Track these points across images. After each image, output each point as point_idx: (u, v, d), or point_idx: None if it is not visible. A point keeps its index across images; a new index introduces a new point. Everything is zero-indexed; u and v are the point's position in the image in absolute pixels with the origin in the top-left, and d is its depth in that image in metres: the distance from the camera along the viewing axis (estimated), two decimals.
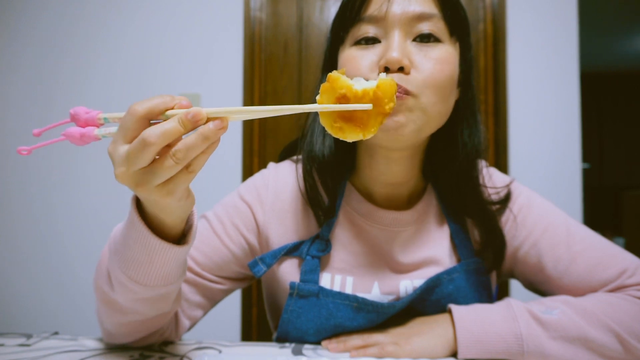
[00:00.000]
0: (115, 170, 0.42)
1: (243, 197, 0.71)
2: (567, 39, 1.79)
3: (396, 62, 0.56)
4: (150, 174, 0.41)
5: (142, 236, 0.48)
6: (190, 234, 0.52)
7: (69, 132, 0.46)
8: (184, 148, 0.40)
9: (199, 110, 0.41)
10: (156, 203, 0.45)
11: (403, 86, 0.57)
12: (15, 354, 0.60)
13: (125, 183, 0.43)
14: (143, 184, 0.42)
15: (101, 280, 0.57)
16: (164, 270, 0.51)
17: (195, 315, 0.69)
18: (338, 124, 0.41)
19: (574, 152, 1.77)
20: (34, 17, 1.90)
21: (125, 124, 0.41)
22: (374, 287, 0.67)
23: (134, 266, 0.50)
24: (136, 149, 0.40)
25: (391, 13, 0.59)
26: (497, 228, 0.70)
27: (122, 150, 0.41)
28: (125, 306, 0.55)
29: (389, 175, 0.68)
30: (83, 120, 0.46)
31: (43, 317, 1.85)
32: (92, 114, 0.46)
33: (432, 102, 0.59)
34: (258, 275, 0.68)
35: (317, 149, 0.69)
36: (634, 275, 0.65)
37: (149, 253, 0.49)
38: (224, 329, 1.76)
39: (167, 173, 0.41)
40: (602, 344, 0.58)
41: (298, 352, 0.63)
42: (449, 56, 0.60)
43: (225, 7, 1.85)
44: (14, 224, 1.88)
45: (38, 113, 1.88)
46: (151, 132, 0.40)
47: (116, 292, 0.54)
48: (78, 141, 0.46)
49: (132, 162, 0.41)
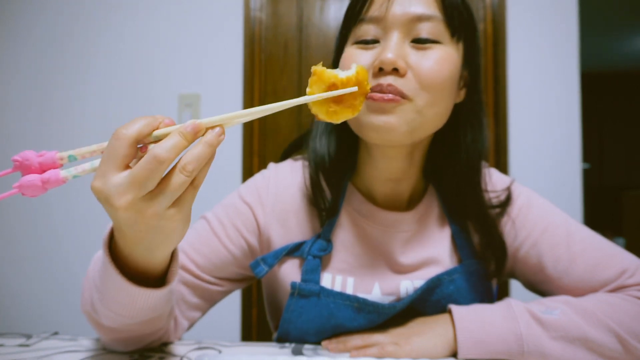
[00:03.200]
0: (118, 201, 0.38)
1: (244, 198, 0.71)
2: (567, 39, 1.79)
3: (390, 63, 0.57)
4: (160, 195, 0.39)
5: (122, 286, 0.46)
6: (171, 270, 0.50)
7: (25, 181, 0.40)
8: (194, 159, 0.39)
9: (198, 122, 0.40)
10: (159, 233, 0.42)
11: (398, 88, 0.57)
12: (15, 354, 0.60)
13: (132, 212, 0.39)
14: (153, 208, 0.39)
15: (87, 307, 0.56)
16: (149, 305, 0.49)
17: (193, 316, 0.69)
18: (332, 108, 0.46)
19: (574, 152, 1.77)
20: (32, 17, 1.90)
21: (115, 150, 0.39)
22: (375, 287, 0.67)
23: (116, 305, 0.49)
24: (146, 170, 0.38)
25: (391, 14, 0.59)
26: (498, 237, 0.70)
27: (120, 178, 0.39)
28: (116, 328, 0.54)
29: (388, 172, 0.68)
30: (37, 165, 0.40)
31: (43, 318, 1.85)
32: (48, 156, 0.41)
33: (428, 104, 0.59)
34: (260, 276, 0.68)
35: (320, 149, 0.70)
36: (634, 275, 0.65)
37: (130, 297, 0.47)
38: (224, 329, 1.76)
39: (178, 190, 0.40)
40: (602, 344, 0.58)
41: (298, 352, 0.63)
42: (447, 57, 0.60)
43: (225, 7, 1.85)
44: (13, 224, 1.88)
45: (37, 114, 1.88)
46: (161, 148, 0.38)
47: (104, 319, 0.53)
48: (38, 190, 0.40)
49: (141, 185, 0.38)
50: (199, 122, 0.40)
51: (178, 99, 1.82)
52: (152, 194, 0.39)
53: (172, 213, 0.41)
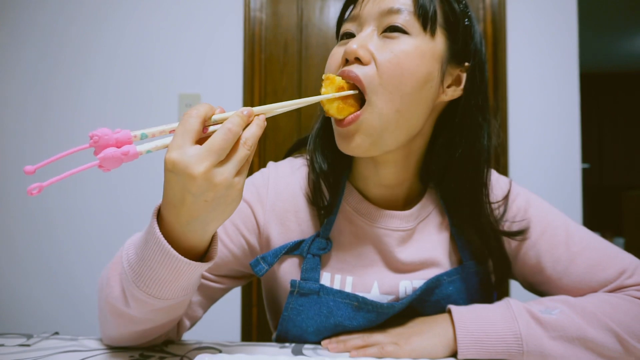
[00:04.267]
0: (197, 168, 0.44)
1: (243, 197, 0.71)
2: (567, 39, 1.79)
3: (351, 53, 0.59)
4: (229, 164, 0.46)
5: (169, 258, 0.48)
6: (212, 248, 0.53)
7: (108, 153, 0.43)
8: (251, 136, 0.48)
9: (251, 109, 0.49)
10: (221, 203, 0.47)
11: (354, 73, 0.59)
12: (15, 354, 0.60)
13: (207, 179, 0.44)
14: (224, 175, 0.45)
15: (112, 298, 0.56)
16: (188, 284, 0.52)
17: (195, 314, 0.69)
18: (340, 105, 0.60)
19: (573, 152, 1.77)
20: (32, 17, 1.90)
21: (189, 126, 0.45)
22: (374, 286, 0.67)
23: (156, 284, 0.50)
24: (221, 140, 0.45)
25: (365, 10, 0.63)
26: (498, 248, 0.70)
27: (196, 149, 0.44)
28: (139, 317, 0.55)
29: (380, 177, 0.68)
30: (114, 141, 0.44)
31: (43, 318, 1.85)
32: (123, 133, 0.45)
33: (385, 101, 0.58)
34: (260, 275, 0.68)
35: (319, 148, 0.70)
36: (633, 275, 0.65)
37: (176, 272, 0.49)
38: (224, 329, 1.76)
39: (242, 160, 0.47)
40: (601, 344, 0.58)
41: (298, 352, 0.63)
42: (412, 50, 0.59)
43: (225, 8, 1.85)
44: (13, 225, 1.88)
45: (35, 113, 1.88)
46: (231, 123, 0.46)
47: (131, 308, 0.54)
48: (117, 162, 0.44)
49: (217, 153, 0.45)
50: (251, 108, 0.49)
51: (178, 99, 1.83)
52: (222, 162, 0.46)
53: (237, 181, 0.47)
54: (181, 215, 0.47)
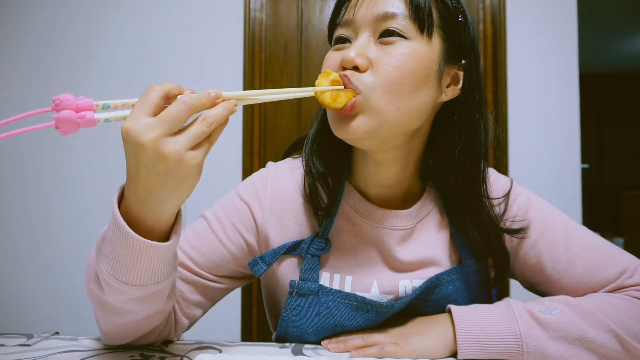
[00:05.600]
0: (146, 136, 0.44)
1: (241, 197, 0.71)
2: (567, 39, 1.79)
3: (349, 61, 0.59)
4: (181, 136, 0.46)
5: (126, 237, 0.48)
6: (175, 229, 0.52)
7: (64, 116, 0.45)
8: (212, 115, 0.48)
9: (220, 92, 0.49)
10: (174, 178, 0.46)
11: (352, 82, 0.58)
12: (15, 354, 0.60)
13: (155, 149, 0.44)
14: (175, 146, 0.45)
15: (91, 284, 0.56)
16: (151, 269, 0.51)
17: (194, 314, 0.69)
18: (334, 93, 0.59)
19: (573, 152, 1.77)
20: (31, 17, 1.90)
21: (147, 98, 0.46)
22: (373, 286, 0.67)
23: (120, 268, 0.50)
24: (174, 111, 0.45)
25: (358, 15, 0.61)
26: (499, 244, 0.70)
27: (150, 119, 0.45)
28: (118, 307, 0.55)
29: (380, 178, 0.68)
30: (75, 107, 0.46)
31: (43, 318, 1.85)
32: (86, 100, 0.47)
33: (384, 100, 0.58)
34: (258, 275, 0.68)
35: (317, 150, 0.70)
36: (634, 275, 0.65)
37: (135, 253, 0.49)
38: (224, 329, 1.77)
39: (197, 135, 0.46)
40: (601, 344, 0.58)
41: (298, 352, 0.63)
42: (411, 53, 0.59)
43: (225, 8, 1.85)
44: (13, 225, 1.88)
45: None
46: (188, 97, 0.46)
47: (107, 295, 0.53)
48: (73, 126, 0.45)
49: (168, 123, 0.45)
50: (220, 91, 0.49)
51: None
52: (175, 134, 0.46)
53: (190, 156, 0.46)
54: (138, 190, 0.47)
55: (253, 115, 1.82)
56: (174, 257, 0.55)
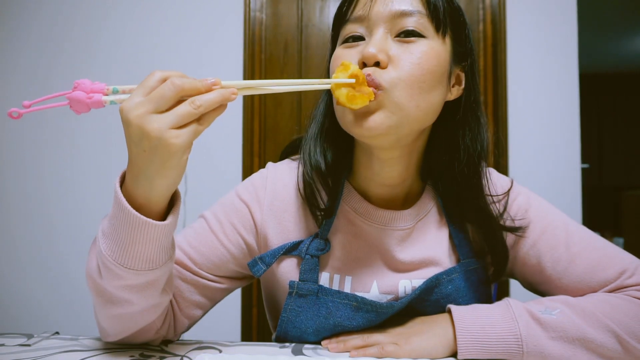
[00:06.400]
0: (132, 113, 0.46)
1: (241, 197, 0.71)
2: (567, 39, 1.79)
3: (371, 57, 0.58)
4: (166, 114, 0.47)
5: (123, 212, 0.50)
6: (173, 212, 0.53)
7: (75, 95, 0.49)
8: (203, 99, 0.48)
9: (219, 79, 0.50)
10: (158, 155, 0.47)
11: (375, 80, 0.58)
12: (15, 354, 0.60)
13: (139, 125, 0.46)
14: (157, 123, 0.46)
15: (91, 268, 0.57)
16: (147, 253, 0.52)
17: (194, 314, 0.69)
18: (351, 94, 0.57)
19: (573, 152, 1.78)
20: (31, 17, 1.91)
21: (146, 82, 0.48)
22: (373, 286, 0.68)
23: (118, 249, 0.51)
24: (162, 89, 0.46)
25: (374, 12, 0.61)
26: (499, 241, 0.70)
27: (140, 99, 0.47)
28: (114, 295, 0.55)
29: (384, 177, 0.68)
30: (89, 90, 0.49)
31: (43, 318, 1.85)
32: (99, 85, 0.50)
33: (406, 96, 0.58)
34: (257, 275, 0.68)
35: (316, 150, 0.70)
36: (634, 275, 0.65)
37: (131, 230, 0.50)
38: (224, 329, 1.77)
39: (182, 116, 0.47)
40: (601, 344, 0.58)
41: (298, 352, 0.63)
42: (431, 51, 0.60)
43: (225, 8, 1.85)
44: (13, 225, 1.88)
45: (36, 112, 1.87)
46: (179, 79, 0.47)
47: (104, 279, 0.54)
48: (83, 106, 0.49)
49: (154, 101, 0.46)
50: (218, 79, 0.50)
51: None
52: (160, 113, 0.47)
53: (172, 134, 0.46)
54: (133, 169, 0.49)
55: (253, 115, 1.82)
56: (171, 246, 0.56)
